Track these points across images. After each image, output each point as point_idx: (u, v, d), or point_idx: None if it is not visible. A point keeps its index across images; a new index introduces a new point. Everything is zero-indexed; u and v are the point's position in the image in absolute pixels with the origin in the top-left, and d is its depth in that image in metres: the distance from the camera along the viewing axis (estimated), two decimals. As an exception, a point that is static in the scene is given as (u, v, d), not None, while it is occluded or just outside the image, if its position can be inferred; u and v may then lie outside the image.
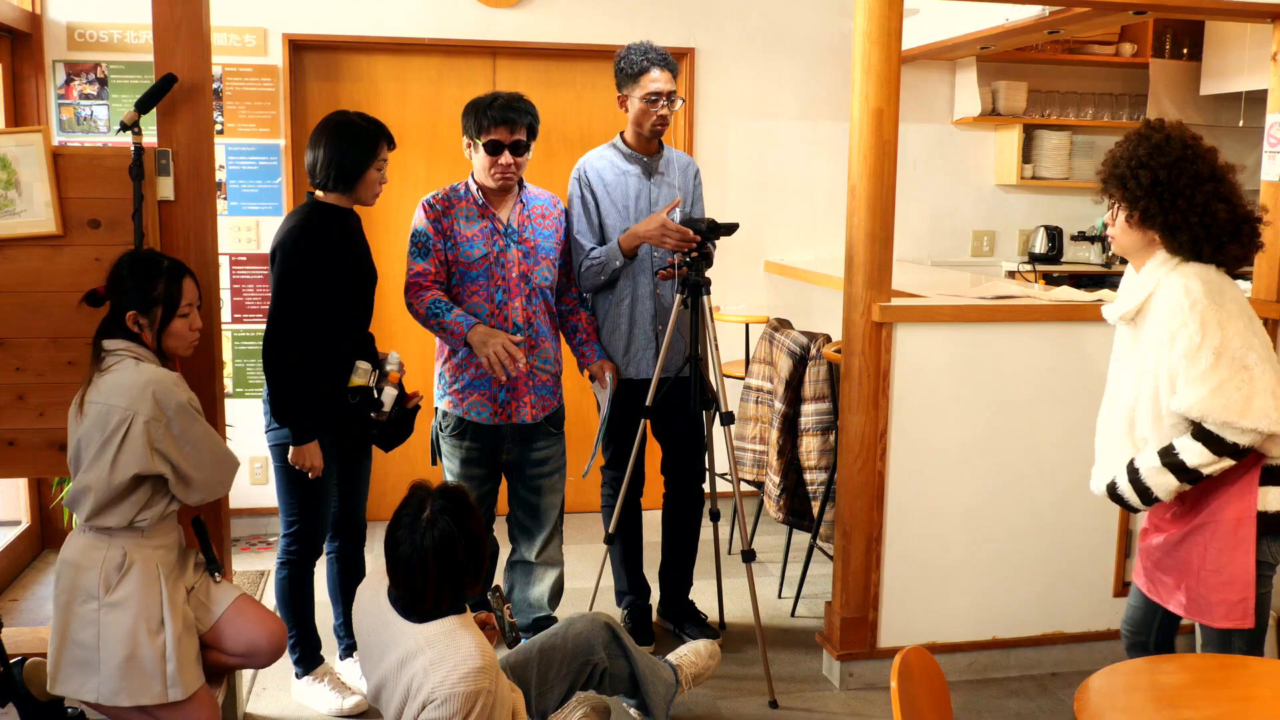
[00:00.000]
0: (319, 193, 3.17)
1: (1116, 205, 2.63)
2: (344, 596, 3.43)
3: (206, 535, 2.92)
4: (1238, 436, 2.42)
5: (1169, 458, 2.50)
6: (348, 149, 3.10)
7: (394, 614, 2.54)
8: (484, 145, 3.33)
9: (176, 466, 2.66)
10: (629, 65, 3.55)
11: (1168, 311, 2.49)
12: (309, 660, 3.38)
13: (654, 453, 3.83)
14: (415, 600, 2.49)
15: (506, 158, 3.35)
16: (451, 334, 3.34)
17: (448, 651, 2.43)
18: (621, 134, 3.68)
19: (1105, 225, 2.73)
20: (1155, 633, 2.78)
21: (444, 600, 2.49)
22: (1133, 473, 2.57)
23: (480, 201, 3.44)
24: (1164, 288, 2.54)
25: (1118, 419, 2.64)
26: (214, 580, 2.90)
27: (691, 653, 3.25)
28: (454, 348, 3.42)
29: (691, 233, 3.39)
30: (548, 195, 3.60)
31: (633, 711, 3.22)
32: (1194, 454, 2.46)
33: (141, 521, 2.69)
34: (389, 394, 3.19)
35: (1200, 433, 2.46)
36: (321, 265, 3.09)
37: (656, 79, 3.52)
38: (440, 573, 2.45)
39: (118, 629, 2.64)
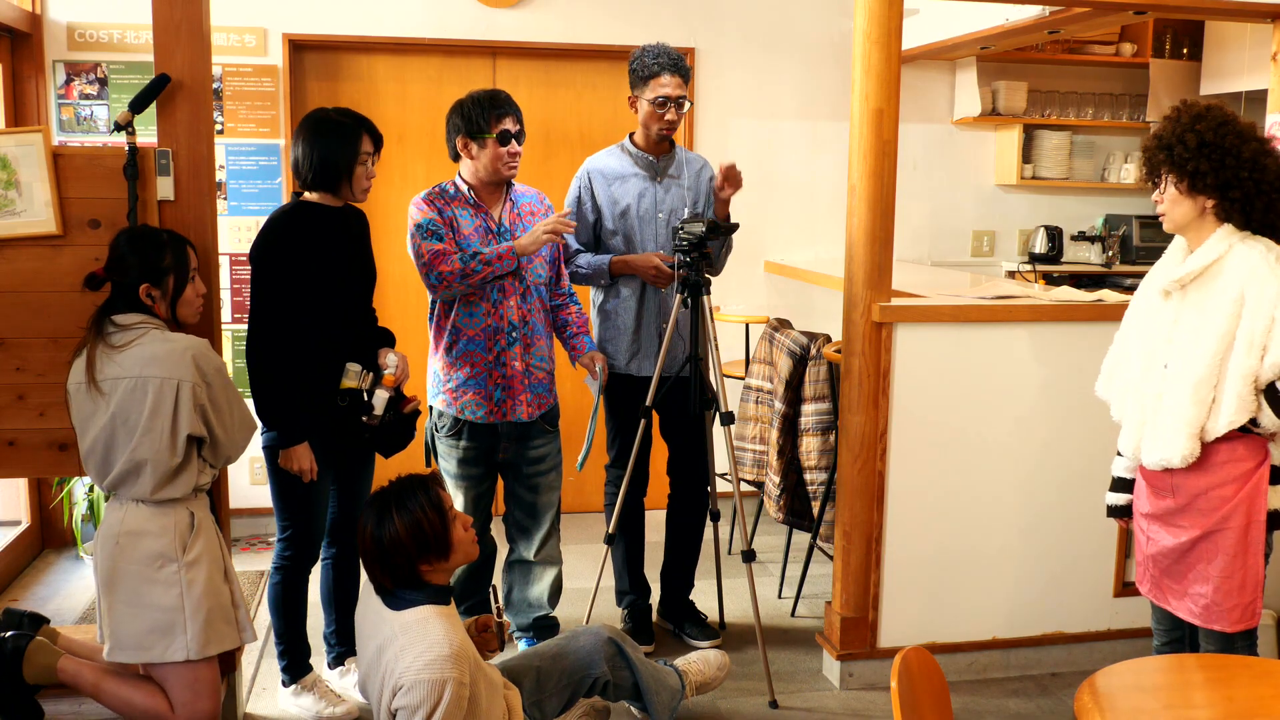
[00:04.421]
0: (306, 193, 3.15)
1: (1165, 178, 2.62)
2: (336, 603, 3.39)
3: (211, 494, 2.97)
4: None
5: None
6: (330, 147, 3.06)
7: (379, 601, 2.60)
8: (496, 136, 3.34)
9: (211, 429, 2.74)
10: (641, 67, 3.55)
11: (1254, 279, 2.49)
12: (296, 669, 3.31)
13: (660, 453, 3.82)
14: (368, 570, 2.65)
15: (515, 145, 3.38)
16: (502, 260, 3.32)
17: (417, 638, 2.47)
18: (631, 134, 3.70)
19: (1153, 205, 2.70)
20: (1190, 628, 2.76)
21: (385, 581, 2.57)
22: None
23: (473, 201, 3.44)
24: (1239, 255, 2.53)
25: (1181, 383, 2.57)
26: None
27: (700, 660, 3.25)
28: (511, 270, 3.36)
29: (671, 272, 3.50)
30: (534, 192, 3.60)
31: (635, 711, 3.22)
32: None
33: (204, 486, 2.80)
34: (380, 397, 3.13)
35: None
36: (295, 265, 3.05)
37: (665, 84, 3.52)
38: (364, 552, 2.59)
39: (200, 584, 2.74)
